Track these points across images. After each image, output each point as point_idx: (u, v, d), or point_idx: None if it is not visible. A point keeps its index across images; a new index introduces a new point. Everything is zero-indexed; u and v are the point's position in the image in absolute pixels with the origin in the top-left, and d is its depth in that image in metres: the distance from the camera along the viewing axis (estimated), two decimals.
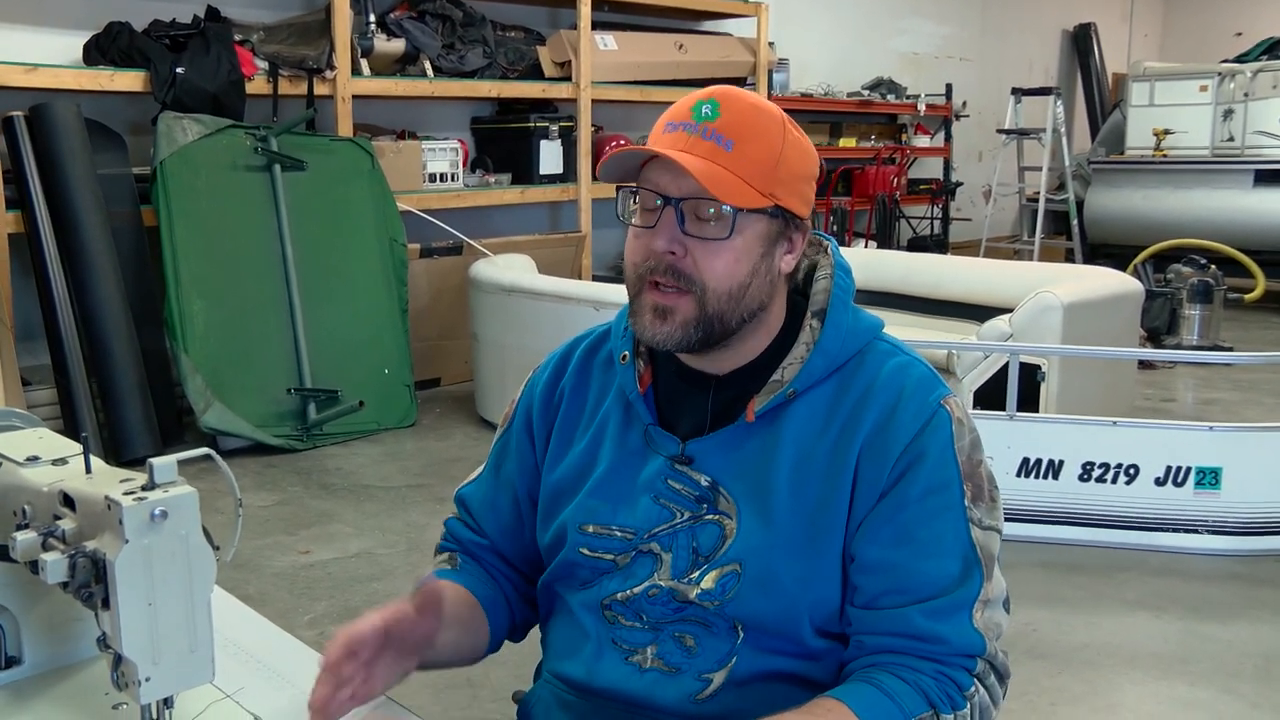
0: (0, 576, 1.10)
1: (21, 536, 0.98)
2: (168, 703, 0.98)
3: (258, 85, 4.95)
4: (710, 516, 1.15)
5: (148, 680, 0.92)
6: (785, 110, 1.17)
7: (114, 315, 4.43)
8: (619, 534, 1.19)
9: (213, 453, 1.03)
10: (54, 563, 0.94)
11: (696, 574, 1.14)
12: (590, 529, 1.20)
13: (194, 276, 4.55)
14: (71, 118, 4.44)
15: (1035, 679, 2.78)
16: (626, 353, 1.22)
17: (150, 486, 0.93)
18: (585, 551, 1.20)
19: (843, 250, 1.25)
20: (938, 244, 8.60)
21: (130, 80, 4.66)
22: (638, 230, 1.14)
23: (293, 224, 4.84)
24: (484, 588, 1.29)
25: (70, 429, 4.38)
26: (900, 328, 4.77)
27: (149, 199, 4.60)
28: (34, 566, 0.95)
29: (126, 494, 0.92)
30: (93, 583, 0.93)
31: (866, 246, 7.69)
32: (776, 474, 1.13)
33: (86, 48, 4.75)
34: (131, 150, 4.78)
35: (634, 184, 1.14)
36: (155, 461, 0.94)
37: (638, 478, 1.19)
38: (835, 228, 7.64)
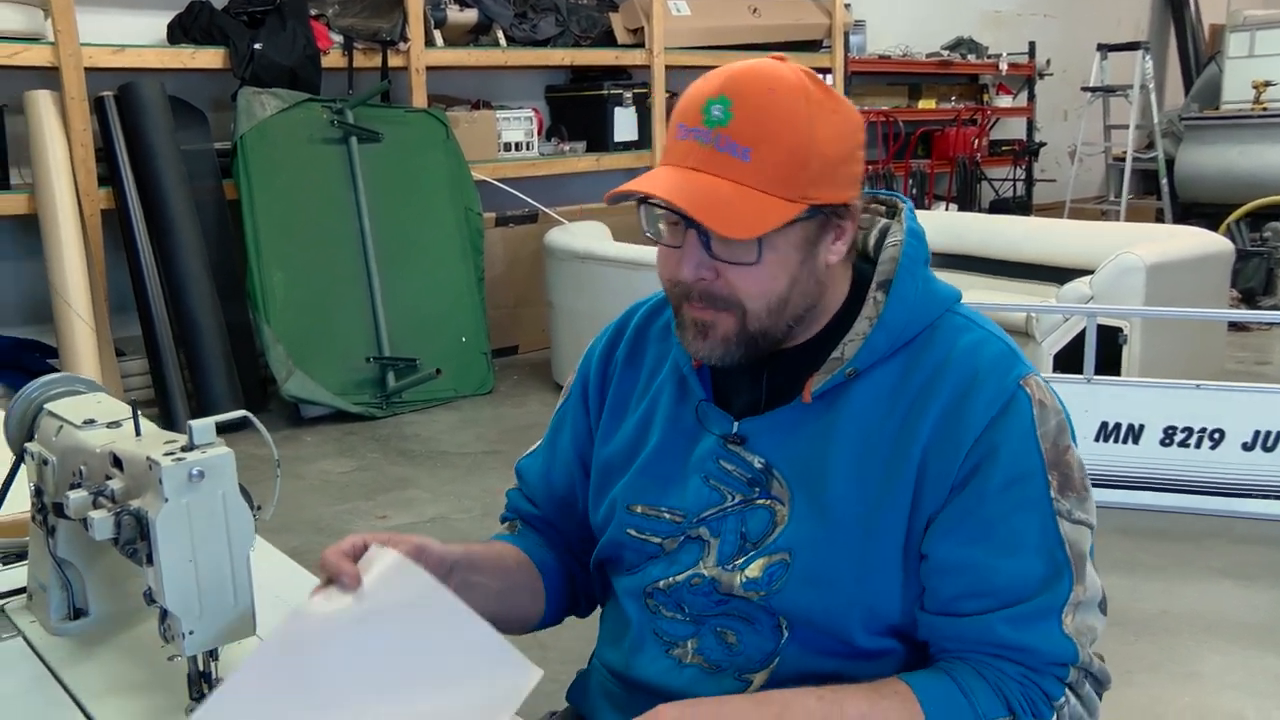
0: (65, 534, 1.15)
1: (74, 495, 1.03)
2: (213, 655, 1.03)
3: (333, 59, 5.03)
4: (761, 501, 1.08)
5: (191, 633, 0.96)
6: (861, 74, 1.07)
7: (199, 287, 4.56)
8: (668, 516, 1.13)
9: (249, 415, 1.06)
10: (101, 520, 0.98)
11: (742, 560, 1.07)
12: (639, 509, 1.15)
13: (274, 248, 4.65)
14: (156, 96, 4.57)
15: (1108, 644, 2.73)
16: (676, 321, 1.11)
17: (190, 448, 0.97)
18: (633, 533, 1.15)
19: (920, 213, 1.15)
20: (1020, 206, 8.41)
21: (210, 58, 4.77)
22: (666, 247, 1.05)
23: (369, 195, 4.92)
24: (540, 552, 1.25)
25: (160, 397, 4.53)
26: (978, 291, 4.70)
27: (230, 173, 4.71)
28: (85, 524, 0.99)
29: (167, 455, 0.95)
30: (138, 540, 0.97)
31: (947, 209, 7.56)
32: (834, 460, 1.04)
33: (170, 27, 4.87)
34: (213, 126, 4.90)
35: (657, 198, 1.01)
36: (194, 424, 0.98)
37: (689, 457, 1.13)
38: (914, 190, 7.52)
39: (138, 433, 1.05)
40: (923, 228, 1.12)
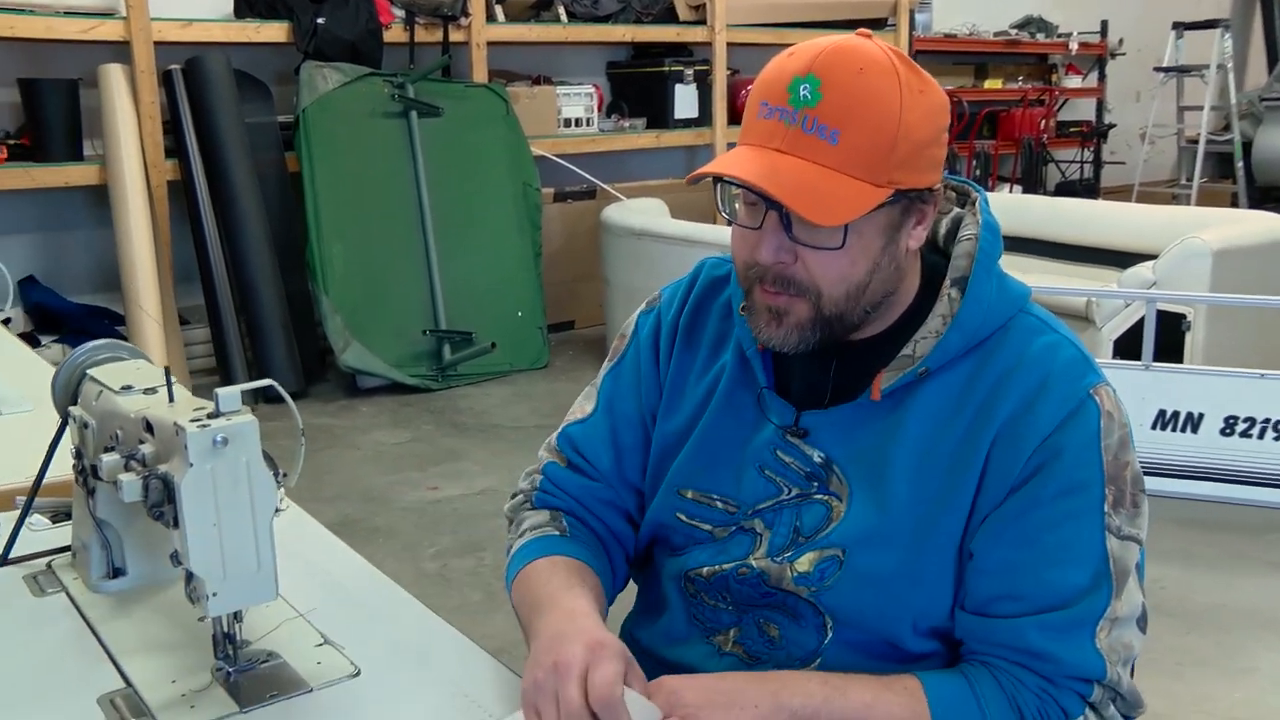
0: (104, 495, 1.19)
1: (107, 458, 1.06)
2: (237, 616, 1.05)
3: (395, 33, 5.07)
4: (819, 496, 1.05)
5: (215, 595, 0.99)
6: (926, 52, 1.03)
7: (260, 258, 4.64)
8: (720, 505, 1.10)
9: (275, 383, 1.08)
10: (129, 483, 1.01)
11: (792, 552, 1.05)
12: (690, 494, 1.12)
13: (334, 220, 4.72)
14: (222, 69, 4.64)
15: (1161, 637, 2.69)
16: (746, 304, 1.08)
17: (215, 415, 0.99)
18: (682, 518, 1.12)
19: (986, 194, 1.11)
20: (1087, 189, 8.23)
21: (275, 31, 4.83)
22: (743, 228, 1.02)
23: (429, 169, 4.96)
24: (595, 558, 1.17)
25: (222, 366, 4.63)
26: (1039, 275, 4.62)
27: (292, 146, 4.78)
28: (116, 486, 1.02)
29: (193, 421, 0.98)
30: (165, 503, 1.00)
31: (1011, 191, 7.43)
32: (897, 460, 1.02)
33: (236, 2, 4.94)
34: (276, 99, 4.97)
35: (748, 182, 0.97)
36: (220, 392, 1.00)
37: (746, 445, 1.10)
38: (978, 171, 7.40)
39: (170, 399, 1.07)
40: (998, 221, 1.08)
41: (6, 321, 4.52)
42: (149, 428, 1.05)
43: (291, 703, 1.02)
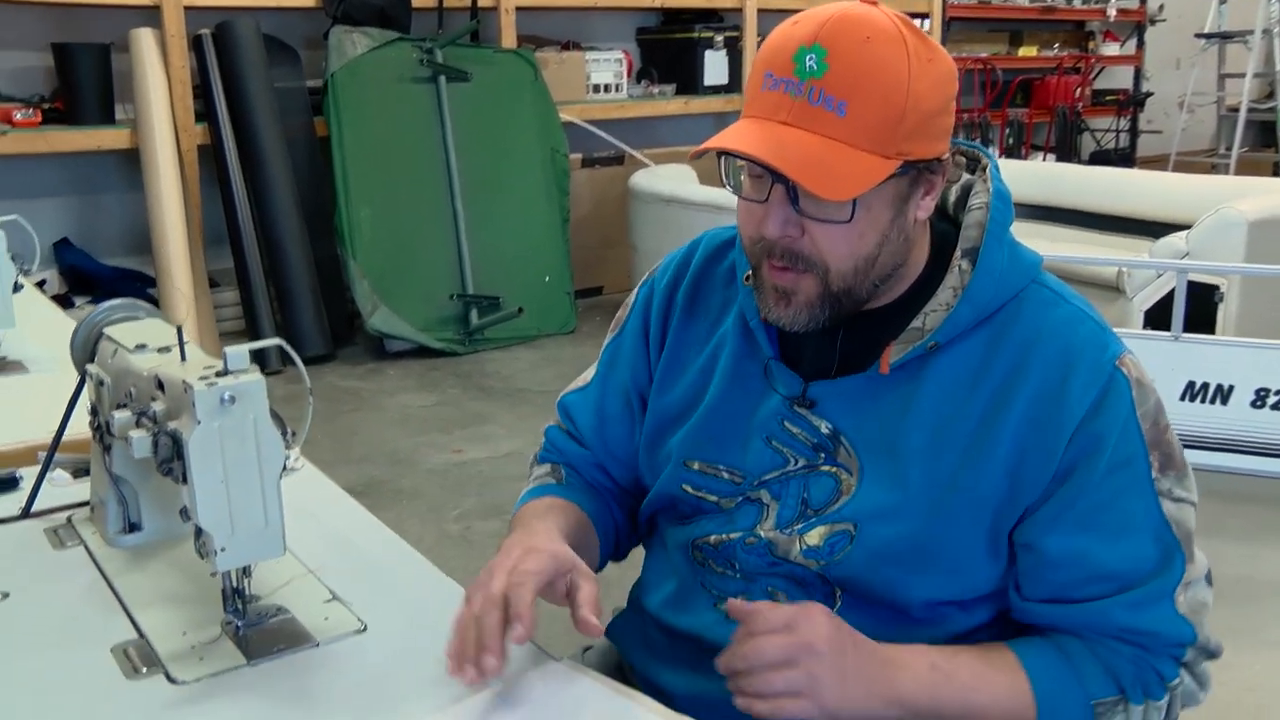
0: (120, 452, 1.21)
1: (119, 414, 1.08)
2: (246, 572, 1.07)
3: None
4: (827, 468, 1.05)
5: (223, 550, 1.01)
6: (960, 19, 1.00)
7: (289, 222, 4.66)
8: (726, 475, 1.10)
9: (283, 343, 1.09)
10: (139, 439, 1.03)
11: (801, 525, 1.05)
12: (695, 465, 1.12)
13: (362, 185, 4.73)
14: (251, 34, 4.66)
15: None
16: (750, 273, 1.06)
17: (224, 373, 1.00)
18: (688, 489, 1.12)
19: (1013, 163, 1.07)
20: (1123, 158, 8.11)
21: None
22: (749, 201, 1.01)
23: (457, 134, 4.96)
24: (591, 503, 1.21)
25: (251, 328, 4.67)
26: (1070, 244, 4.57)
27: (321, 110, 4.80)
28: (127, 442, 1.04)
29: (201, 379, 0.99)
30: (174, 459, 1.01)
31: (1044, 160, 7.34)
32: (910, 435, 1.01)
33: None
34: (305, 64, 4.99)
35: (741, 153, 0.96)
36: (229, 350, 1.01)
37: (752, 416, 1.09)
38: (1010, 140, 7.31)
39: (183, 358, 1.09)
40: (1008, 188, 1.06)
41: (41, 283, 4.59)
42: (160, 385, 1.07)
43: (298, 656, 1.04)
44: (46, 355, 2.01)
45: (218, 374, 1.00)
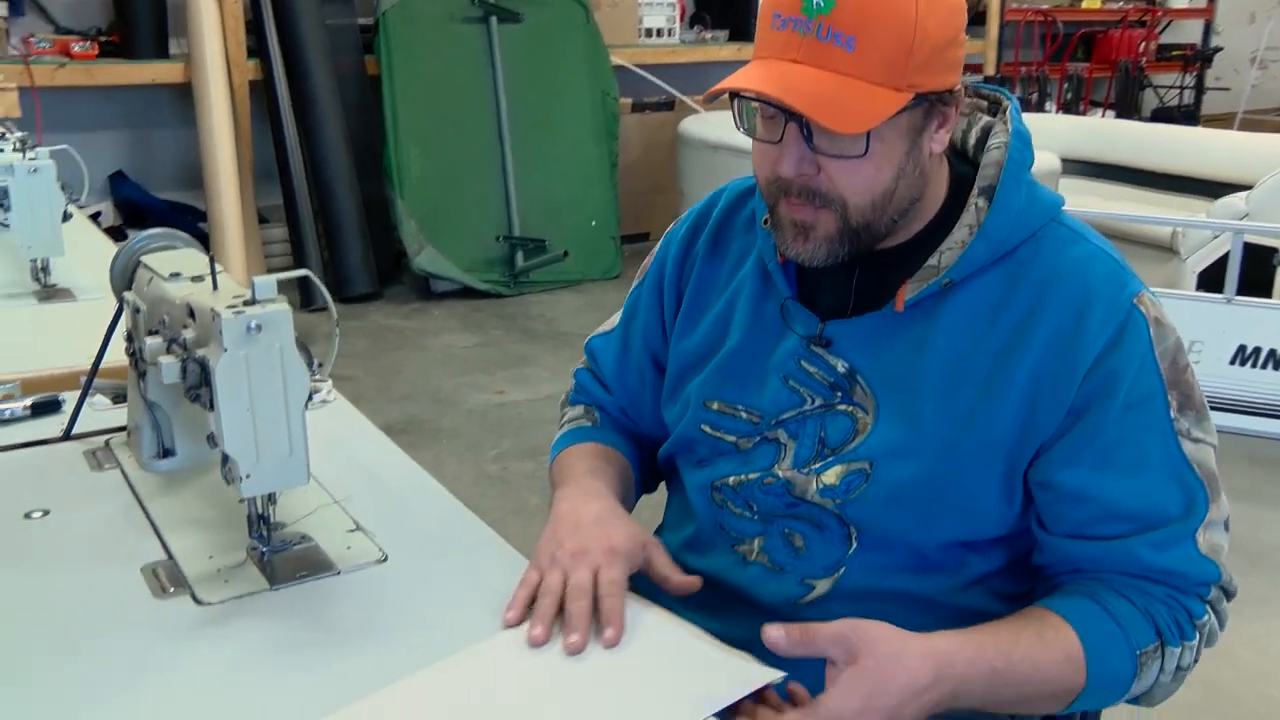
0: (154, 378, 1.23)
1: (150, 341, 1.10)
2: (271, 499, 1.09)
3: None
4: (843, 407, 1.05)
5: (248, 477, 1.03)
6: None
7: (338, 160, 4.69)
8: (744, 415, 1.11)
9: (310, 274, 1.11)
10: (168, 365, 1.05)
11: (819, 465, 1.05)
12: (715, 406, 1.13)
13: (412, 124, 4.74)
14: None
15: None
16: (769, 216, 1.06)
17: (251, 302, 1.02)
18: (707, 429, 1.13)
19: (1069, 118, 1.07)
20: (1186, 115, 7.88)
21: None
22: (763, 142, 1.01)
23: (507, 75, 4.95)
24: (625, 446, 1.25)
25: (299, 264, 4.72)
26: (1124, 202, 4.49)
27: (372, 49, 4.80)
28: (157, 368, 1.06)
29: (229, 308, 1.00)
30: (201, 386, 1.03)
31: (1103, 116, 7.17)
32: (925, 373, 1.01)
33: None
34: (357, 2, 4.97)
35: (750, 92, 0.96)
36: (257, 280, 1.02)
37: (770, 356, 1.10)
38: (1069, 95, 7.14)
39: (214, 286, 1.10)
40: (1028, 129, 1.05)
41: (96, 215, 4.66)
42: (191, 313, 1.08)
43: (319, 583, 1.06)
44: (94, 284, 2.05)
45: (245, 303, 1.02)
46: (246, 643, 0.96)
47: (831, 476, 1.05)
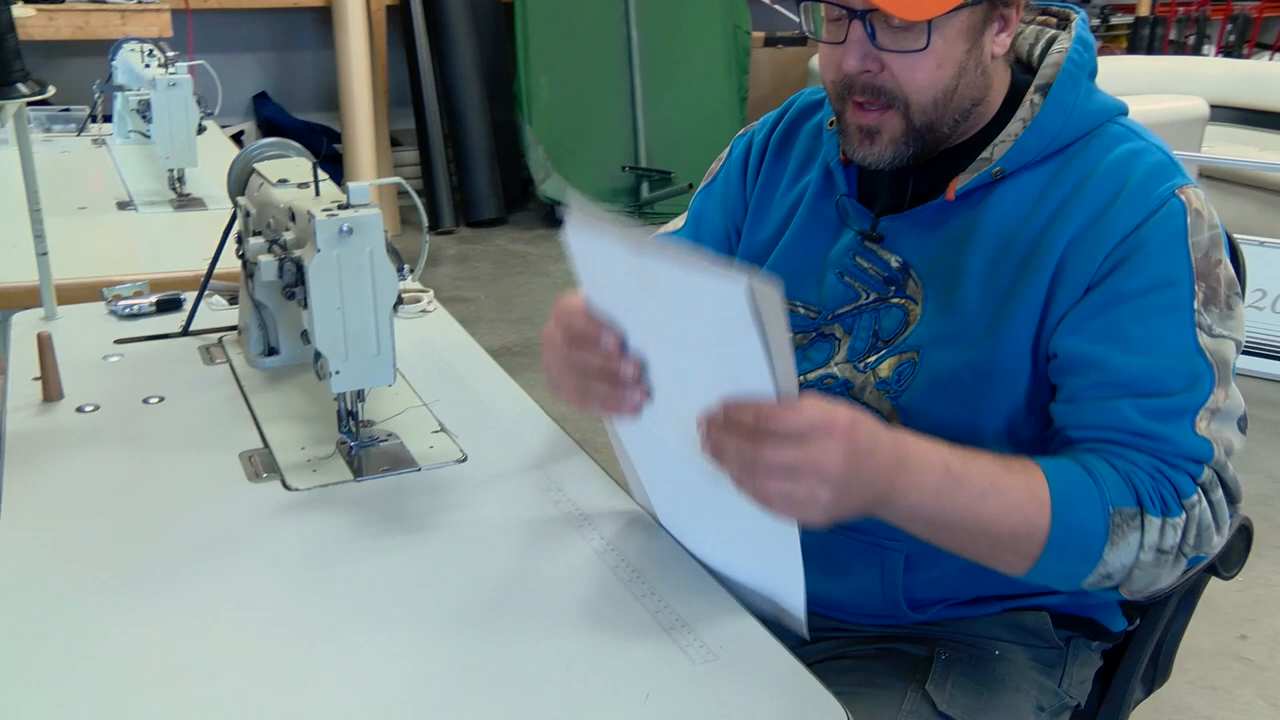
0: (260, 279, 1.30)
1: (253, 241, 1.16)
2: (360, 397, 1.15)
3: None
4: (896, 300, 1.07)
5: (338, 373, 1.08)
6: None
7: (470, 85, 4.76)
8: (802, 310, 1.13)
9: (402, 181, 1.15)
10: (266, 263, 1.10)
11: (874, 359, 1.07)
12: None
13: (543, 52, 4.77)
14: None
15: (1270, 533, 2.58)
16: (835, 120, 1.09)
17: (345, 206, 1.06)
18: None
19: (1229, 63, 1.04)
20: None
21: None
22: (829, 44, 1.02)
23: (639, 5, 4.92)
24: None
25: (429, 188, 4.83)
26: (1270, 152, 4.24)
27: None
28: (258, 266, 1.12)
29: (324, 211, 1.05)
30: (296, 284, 1.09)
31: (1271, 59, 6.76)
32: (969, 260, 1.02)
33: None
34: None
35: None
36: (351, 185, 1.07)
37: (827, 252, 1.12)
38: (1232, 38, 6.74)
39: (316, 192, 1.16)
40: (1093, 39, 1.06)
41: (239, 134, 4.84)
42: (292, 216, 1.14)
43: (400, 478, 1.12)
44: (224, 194, 2.13)
45: (340, 207, 1.07)
46: (328, 527, 1.02)
47: (885, 369, 1.06)
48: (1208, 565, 1.17)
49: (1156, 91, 4.22)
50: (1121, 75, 4.42)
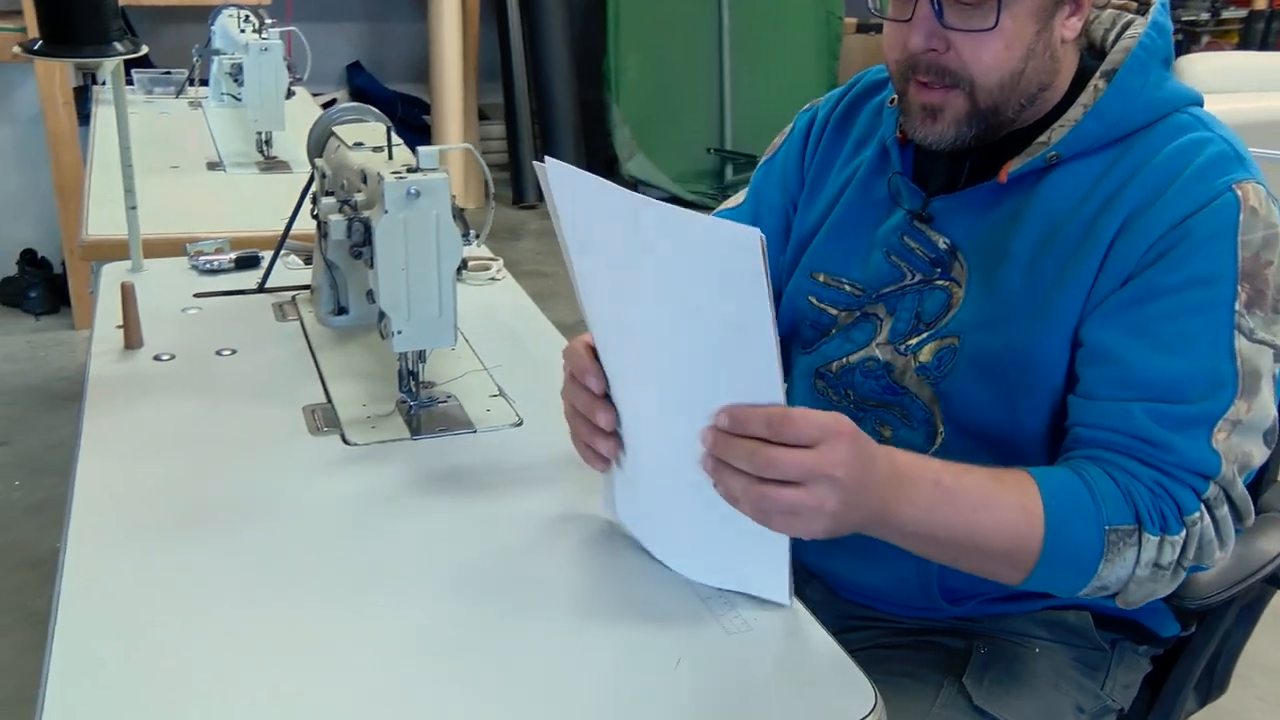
0: (332, 239, 1.33)
1: (325, 200, 1.19)
2: (422, 358, 1.17)
3: None
4: (941, 282, 1.05)
5: (400, 333, 1.11)
6: None
7: (559, 62, 4.79)
8: (848, 288, 1.12)
9: (471, 147, 1.16)
10: (335, 223, 1.13)
11: (915, 341, 1.05)
12: (821, 278, 1.14)
13: (633, 32, 4.78)
14: None
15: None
16: (897, 99, 1.07)
17: (414, 170, 1.08)
18: (813, 300, 1.14)
19: None
20: None
21: None
22: (894, 21, 1.00)
23: None
24: None
25: (513, 162, 4.88)
26: None
27: None
28: (329, 225, 1.15)
29: (393, 174, 1.08)
30: (364, 244, 1.11)
31: None
32: (1016, 244, 1.00)
33: None
34: None
35: None
36: (421, 150, 1.09)
37: (876, 230, 1.11)
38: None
39: (390, 156, 1.18)
40: (1171, 24, 1.02)
41: (332, 102, 4.93)
42: (364, 178, 1.16)
43: (456, 439, 1.14)
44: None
45: (409, 170, 1.09)
46: (381, 481, 1.05)
47: (926, 354, 1.04)
48: (1271, 577, 1.14)
49: (1266, 90, 4.08)
50: (1224, 72, 4.28)
